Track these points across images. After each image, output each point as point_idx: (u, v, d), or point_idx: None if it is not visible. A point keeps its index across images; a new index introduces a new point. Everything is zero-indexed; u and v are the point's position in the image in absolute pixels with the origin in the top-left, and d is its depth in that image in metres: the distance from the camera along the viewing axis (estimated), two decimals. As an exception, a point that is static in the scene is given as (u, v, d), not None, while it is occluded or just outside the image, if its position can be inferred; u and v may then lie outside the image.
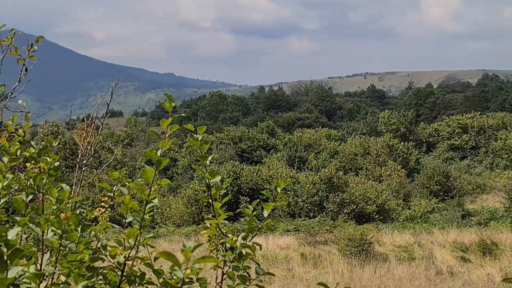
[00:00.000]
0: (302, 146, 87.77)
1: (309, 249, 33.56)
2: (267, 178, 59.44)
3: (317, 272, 27.72)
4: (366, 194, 54.26)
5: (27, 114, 4.54)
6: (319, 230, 41.23)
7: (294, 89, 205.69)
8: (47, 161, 3.21)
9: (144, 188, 3.28)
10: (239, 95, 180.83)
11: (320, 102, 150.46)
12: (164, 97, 3.64)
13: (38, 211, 3.57)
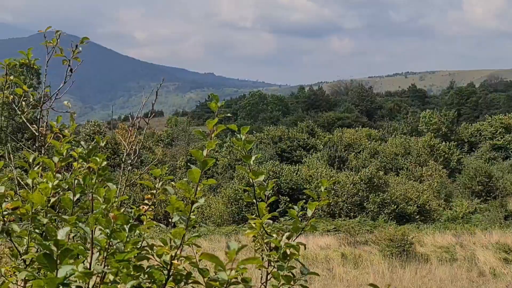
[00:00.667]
0: (342, 146, 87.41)
1: (350, 249, 33.43)
2: (307, 177, 59.31)
3: (357, 273, 27.59)
4: (407, 194, 53.88)
5: (72, 114, 4.59)
6: (360, 230, 41.02)
7: (334, 89, 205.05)
8: (97, 161, 3.25)
9: (190, 187, 3.30)
10: (279, 95, 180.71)
11: (360, 101, 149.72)
12: (205, 96, 3.65)
13: (85, 210, 3.61)
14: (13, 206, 3.53)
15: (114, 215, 2.96)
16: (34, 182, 3.73)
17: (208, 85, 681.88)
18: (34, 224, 3.54)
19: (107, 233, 3.03)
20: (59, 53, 4.84)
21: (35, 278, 3.16)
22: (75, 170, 3.64)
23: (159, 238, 3.54)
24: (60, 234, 2.56)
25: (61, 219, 3.38)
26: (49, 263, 2.44)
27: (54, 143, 3.79)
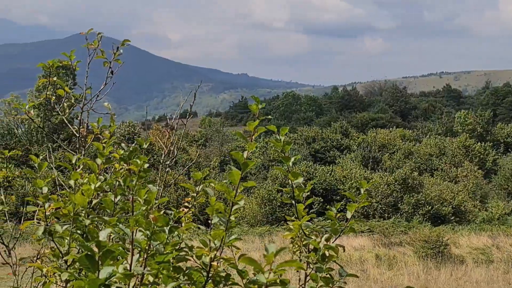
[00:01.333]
0: (376, 147, 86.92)
1: (384, 250, 33.28)
2: (340, 178, 59.11)
3: (392, 274, 27.44)
4: (442, 195, 53.46)
5: (112, 116, 4.63)
6: (394, 231, 40.80)
7: (368, 89, 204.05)
8: (138, 163, 3.27)
9: (230, 189, 3.30)
10: (312, 95, 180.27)
11: (394, 102, 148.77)
12: (238, 97, 3.65)
13: (125, 211, 3.64)
14: (55, 207, 3.57)
15: (155, 217, 2.98)
16: (76, 184, 3.76)
17: (242, 86, 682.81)
18: (75, 225, 3.57)
19: (147, 234, 3.04)
20: (100, 55, 4.89)
21: (76, 279, 3.19)
22: (116, 172, 3.67)
23: (199, 239, 3.55)
24: (102, 236, 2.58)
25: (102, 220, 3.41)
26: (91, 264, 2.46)
27: (97, 145, 3.82)
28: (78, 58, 5.10)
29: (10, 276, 17.03)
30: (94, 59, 5.11)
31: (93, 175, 3.62)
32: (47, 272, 3.84)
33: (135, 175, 3.29)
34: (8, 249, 5.25)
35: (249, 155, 3.43)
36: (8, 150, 5.53)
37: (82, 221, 3.57)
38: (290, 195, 4.11)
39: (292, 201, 4.08)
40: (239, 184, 3.30)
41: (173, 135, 5.02)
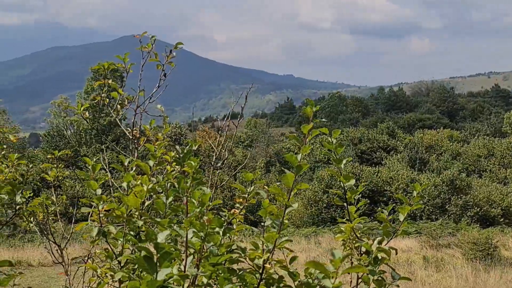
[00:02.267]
0: (423, 148, 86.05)
1: (432, 252, 32.93)
2: (387, 179, 58.68)
3: (440, 276, 27.12)
4: (491, 197, 52.71)
5: (165, 118, 4.66)
6: (442, 233, 40.35)
7: (415, 90, 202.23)
8: (192, 165, 3.28)
9: (284, 192, 3.30)
10: (358, 96, 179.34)
11: (442, 102, 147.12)
12: (284, 98, 3.65)
13: (177, 213, 3.66)
14: (108, 208, 3.60)
15: (209, 219, 2.99)
16: (129, 185, 3.79)
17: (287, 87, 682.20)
18: (129, 226, 3.60)
19: (201, 236, 3.05)
20: (154, 58, 4.92)
21: (130, 279, 3.22)
22: (169, 174, 3.69)
23: (250, 241, 3.56)
24: (160, 237, 2.60)
25: (154, 221, 3.43)
26: (149, 266, 2.47)
27: (149, 147, 3.85)
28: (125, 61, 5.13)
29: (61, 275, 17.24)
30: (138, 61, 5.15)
31: (146, 177, 3.64)
32: (101, 272, 3.88)
33: (189, 177, 3.30)
34: (60, 249, 5.33)
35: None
36: (58, 151, 5.61)
37: (135, 223, 3.60)
38: (341, 197, 4.09)
39: (344, 203, 4.06)
40: (293, 187, 3.29)
41: (224, 136, 5.04)
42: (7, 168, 4.56)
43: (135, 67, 5.26)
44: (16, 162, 4.76)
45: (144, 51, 4.99)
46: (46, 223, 5.22)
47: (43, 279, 25.37)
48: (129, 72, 5.07)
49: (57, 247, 5.29)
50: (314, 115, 3.59)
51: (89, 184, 3.71)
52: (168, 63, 4.96)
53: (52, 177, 5.42)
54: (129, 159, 3.96)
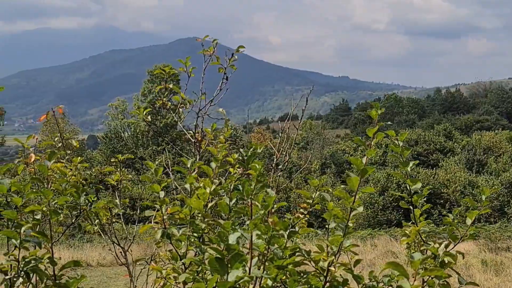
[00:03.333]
0: (481, 149, 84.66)
1: (490, 255, 32.38)
2: (444, 181, 57.90)
3: (499, 280, 26.66)
4: (553, 199, 51.63)
5: (227, 121, 4.68)
6: (501, 236, 39.63)
7: (472, 91, 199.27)
8: (256, 167, 3.29)
9: (349, 195, 3.28)
10: (414, 97, 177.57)
11: (500, 103, 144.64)
12: (339, 100, 3.62)
13: (240, 215, 3.67)
14: (172, 211, 3.63)
15: (274, 221, 2.99)
16: (191, 187, 3.81)
17: (342, 88, 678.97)
18: (192, 228, 3.63)
19: (266, 238, 3.06)
20: (216, 61, 4.95)
21: (194, 281, 3.24)
22: (231, 176, 3.70)
23: (315, 244, 3.55)
24: (231, 239, 2.61)
25: (217, 224, 3.44)
26: (220, 267, 2.48)
27: (211, 150, 3.87)
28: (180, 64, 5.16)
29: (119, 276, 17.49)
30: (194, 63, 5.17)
31: (208, 179, 3.66)
32: (166, 274, 3.92)
33: (253, 179, 3.30)
34: (124, 250, 5.39)
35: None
36: (115, 153, 5.69)
37: (198, 225, 3.62)
38: (406, 200, 4.05)
39: (409, 206, 4.02)
40: (358, 190, 3.27)
41: (285, 138, 5.03)
42: (70, 172, 4.63)
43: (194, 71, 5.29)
44: (80, 165, 4.84)
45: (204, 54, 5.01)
46: (110, 225, 5.30)
47: (102, 279, 25.72)
48: (190, 76, 5.10)
49: (121, 248, 5.36)
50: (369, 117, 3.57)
51: (152, 187, 3.74)
52: (230, 66, 4.98)
53: (115, 180, 5.50)
54: (192, 161, 3.98)
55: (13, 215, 3.30)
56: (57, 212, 3.56)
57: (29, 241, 3.33)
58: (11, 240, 3.32)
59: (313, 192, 4.16)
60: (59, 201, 3.62)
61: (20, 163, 4.17)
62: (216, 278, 2.57)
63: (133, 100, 79.35)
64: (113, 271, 27.14)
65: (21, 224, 3.29)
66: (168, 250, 4.42)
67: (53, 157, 3.68)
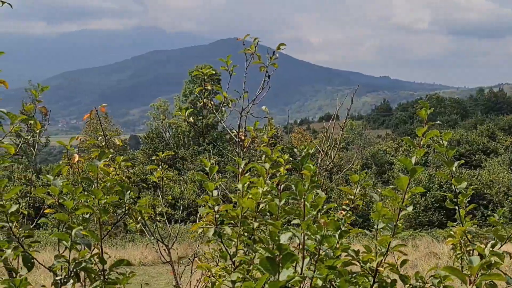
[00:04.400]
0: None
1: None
2: (487, 182, 57.23)
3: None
4: None
5: (270, 120, 4.71)
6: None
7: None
8: (310, 168, 3.31)
9: (398, 195, 3.29)
10: (456, 98, 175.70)
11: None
12: (380, 100, 3.62)
13: (290, 215, 3.69)
14: (224, 209, 3.67)
15: (325, 222, 3.01)
16: (243, 187, 3.84)
17: (383, 89, 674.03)
18: (243, 227, 3.66)
19: (317, 239, 3.08)
20: (257, 60, 4.98)
21: (244, 280, 3.27)
22: (280, 176, 3.73)
23: (362, 244, 3.56)
24: (283, 239, 2.63)
25: (268, 223, 3.48)
26: (272, 266, 2.51)
27: (265, 150, 3.90)
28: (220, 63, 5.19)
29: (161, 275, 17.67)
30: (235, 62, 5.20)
31: (261, 179, 3.69)
32: (216, 272, 3.96)
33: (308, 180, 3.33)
34: (168, 249, 5.45)
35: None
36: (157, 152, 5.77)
37: (250, 224, 3.65)
38: (452, 200, 4.04)
39: (455, 206, 4.01)
40: (407, 190, 3.28)
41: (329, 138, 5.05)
42: (114, 171, 4.70)
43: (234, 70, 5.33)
44: (123, 164, 4.91)
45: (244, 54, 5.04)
46: (153, 223, 5.36)
47: (144, 278, 25.90)
48: (232, 74, 5.14)
49: (165, 247, 5.42)
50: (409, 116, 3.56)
51: (206, 186, 3.78)
52: (272, 64, 5.00)
53: (157, 177, 5.56)
54: (244, 161, 4.02)
55: (65, 218, 3.37)
56: (106, 211, 3.62)
57: (79, 243, 3.40)
58: (62, 242, 3.39)
59: (354, 188, 4.17)
60: (108, 200, 3.68)
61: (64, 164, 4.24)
62: (266, 278, 2.60)
63: (174, 100, 79.81)
64: (155, 270, 27.33)
65: (72, 227, 3.36)
66: (213, 248, 4.46)
67: (103, 157, 3.74)
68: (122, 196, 3.96)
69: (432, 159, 68.81)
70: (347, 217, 3.74)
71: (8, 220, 3.42)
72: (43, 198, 3.76)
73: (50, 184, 3.56)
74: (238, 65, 5.21)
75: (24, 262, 3.47)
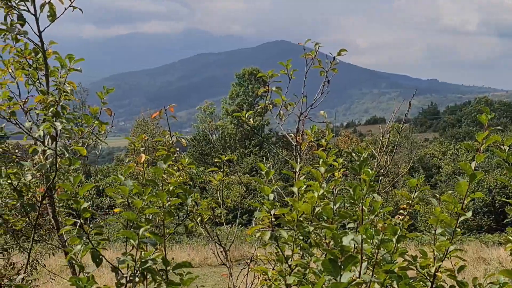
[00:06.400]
0: None
1: None
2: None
3: None
4: None
5: (328, 124, 4.71)
6: None
7: None
8: (369, 172, 3.31)
9: (456, 200, 3.27)
10: (506, 101, 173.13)
11: None
12: (427, 103, 3.59)
13: (345, 219, 3.69)
14: (280, 212, 3.69)
15: (383, 226, 3.01)
16: (299, 191, 3.85)
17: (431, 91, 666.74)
18: (299, 231, 3.67)
19: (374, 243, 3.08)
20: (317, 65, 4.99)
21: (300, 283, 3.28)
22: (336, 180, 3.73)
23: (418, 249, 3.55)
24: (345, 241, 2.64)
25: (323, 227, 3.49)
26: (334, 268, 2.52)
27: (320, 154, 3.91)
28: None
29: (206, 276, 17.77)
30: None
31: (317, 183, 3.70)
32: (272, 276, 3.97)
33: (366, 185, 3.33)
34: (225, 251, 5.49)
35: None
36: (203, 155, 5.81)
37: (305, 228, 3.66)
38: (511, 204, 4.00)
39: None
40: (467, 195, 3.25)
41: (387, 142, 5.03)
42: (178, 172, 4.75)
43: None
44: (187, 166, 4.96)
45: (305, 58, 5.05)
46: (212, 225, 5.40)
47: (192, 279, 26.01)
48: (291, 78, 5.16)
49: (222, 249, 5.46)
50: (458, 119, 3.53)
51: (263, 190, 3.80)
52: (332, 69, 5.01)
53: (217, 180, 5.60)
54: (300, 165, 4.03)
55: (133, 217, 3.42)
56: (170, 213, 3.67)
57: (146, 243, 3.45)
58: (129, 241, 3.45)
59: (411, 193, 4.15)
60: (172, 202, 3.73)
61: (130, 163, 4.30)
62: (323, 281, 2.61)
63: (221, 103, 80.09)
64: (202, 272, 27.45)
65: (140, 226, 3.41)
66: (268, 252, 4.47)
67: (168, 160, 3.79)
68: (184, 199, 3.99)
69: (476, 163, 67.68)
70: (404, 221, 3.73)
71: (80, 216, 3.48)
72: (113, 197, 3.83)
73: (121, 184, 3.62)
74: (298, 69, 5.22)
75: (92, 258, 3.53)
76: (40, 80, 4.83)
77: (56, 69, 4.74)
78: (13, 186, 4.12)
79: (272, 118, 5.59)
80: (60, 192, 4.32)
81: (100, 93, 4.73)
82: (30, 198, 4.25)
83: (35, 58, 4.76)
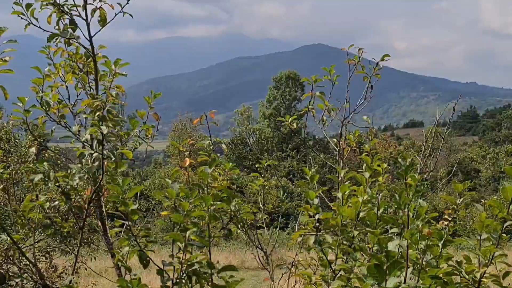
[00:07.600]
0: None
1: None
2: None
3: None
4: None
5: (371, 130, 4.72)
6: None
7: None
8: (415, 177, 3.32)
9: (503, 205, 3.25)
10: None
11: None
12: (467, 106, 3.57)
13: (388, 224, 3.69)
14: (324, 217, 3.71)
15: (429, 231, 3.01)
16: (344, 196, 3.87)
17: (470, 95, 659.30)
18: (343, 235, 3.69)
19: (420, 248, 3.08)
20: (361, 70, 5.00)
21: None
22: (380, 185, 3.74)
23: (462, 254, 3.53)
24: (391, 246, 2.65)
25: (367, 232, 3.50)
26: (379, 273, 2.53)
27: (365, 159, 3.91)
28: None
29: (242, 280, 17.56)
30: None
31: (361, 188, 3.71)
32: (316, 280, 3.99)
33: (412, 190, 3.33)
34: (266, 255, 5.51)
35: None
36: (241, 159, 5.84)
37: (350, 232, 3.67)
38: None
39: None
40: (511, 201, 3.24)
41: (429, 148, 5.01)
42: (220, 176, 4.79)
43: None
44: (230, 171, 5.00)
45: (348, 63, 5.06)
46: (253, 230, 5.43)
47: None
48: (334, 83, 5.17)
49: (263, 253, 5.49)
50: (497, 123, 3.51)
51: (308, 194, 3.82)
52: (375, 75, 5.02)
53: (258, 185, 5.63)
54: (344, 170, 4.05)
55: (180, 219, 3.47)
56: (216, 217, 3.71)
57: (193, 245, 3.50)
58: (176, 243, 3.49)
59: (457, 198, 4.13)
60: (218, 206, 3.77)
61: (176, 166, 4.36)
62: (368, 286, 2.62)
63: (258, 106, 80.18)
64: (239, 275, 27.48)
65: (187, 228, 3.46)
66: (310, 257, 4.49)
67: (213, 164, 3.84)
68: (228, 203, 4.03)
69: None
70: (450, 226, 3.71)
71: (128, 218, 3.54)
72: (161, 200, 3.87)
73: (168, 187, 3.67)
74: (341, 75, 5.23)
75: (140, 260, 3.59)
76: (90, 84, 4.92)
77: (105, 74, 4.84)
78: (61, 189, 4.20)
79: (309, 121, 5.61)
80: (107, 194, 4.39)
81: (147, 97, 4.80)
82: (77, 201, 4.32)
83: (86, 62, 4.86)
